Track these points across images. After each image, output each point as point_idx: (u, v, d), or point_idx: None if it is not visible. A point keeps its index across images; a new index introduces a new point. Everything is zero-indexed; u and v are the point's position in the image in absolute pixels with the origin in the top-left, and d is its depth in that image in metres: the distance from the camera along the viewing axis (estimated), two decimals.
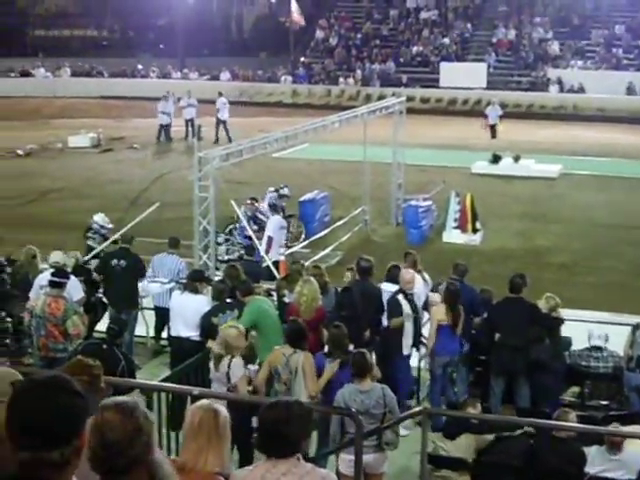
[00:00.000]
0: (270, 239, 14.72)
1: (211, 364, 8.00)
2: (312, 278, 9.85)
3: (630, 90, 39.67)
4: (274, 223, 15.23)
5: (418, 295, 10.59)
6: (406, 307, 9.70)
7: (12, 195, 22.24)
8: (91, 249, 13.13)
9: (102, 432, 3.00)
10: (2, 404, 3.81)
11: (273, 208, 16.89)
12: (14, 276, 11.27)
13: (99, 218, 13.57)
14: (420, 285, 10.78)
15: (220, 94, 32.68)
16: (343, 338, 8.17)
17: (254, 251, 14.67)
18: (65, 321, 9.14)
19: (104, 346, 8.18)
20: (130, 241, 12.02)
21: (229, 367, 7.65)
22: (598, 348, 9.63)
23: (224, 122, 31.71)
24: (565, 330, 9.92)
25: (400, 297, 9.74)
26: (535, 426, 7.34)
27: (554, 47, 44.04)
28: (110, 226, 13.60)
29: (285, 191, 17.62)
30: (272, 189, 17.53)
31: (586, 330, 10.00)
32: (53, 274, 9.73)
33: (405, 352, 9.79)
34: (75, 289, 10.17)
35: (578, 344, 9.95)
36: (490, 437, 7.47)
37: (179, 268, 11.94)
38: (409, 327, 9.72)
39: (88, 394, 2.77)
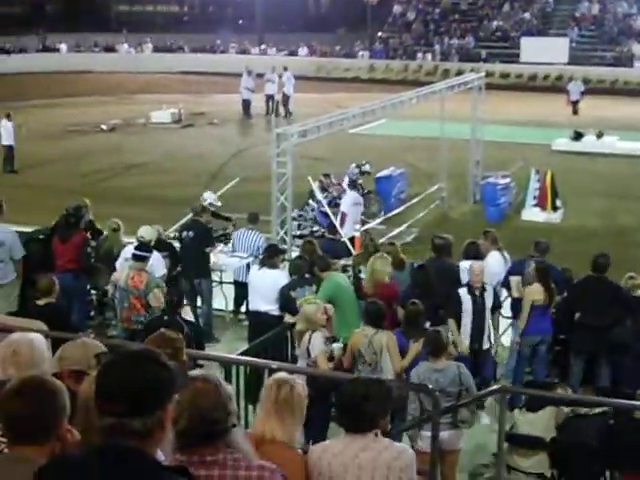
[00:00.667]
0: (344, 215, 14.75)
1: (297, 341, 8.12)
2: (385, 254, 9.89)
3: None
4: (349, 199, 15.23)
5: (499, 274, 10.49)
6: (467, 303, 9.33)
7: (97, 169, 22.74)
8: None
9: (195, 399, 3.23)
10: (90, 375, 3.96)
11: (352, 184, 16.90)
12: (98, 249, 11.51)
13: (208, 195, 13.74)
14: (500, 263, 10.69)
15: (285, 69, 32.76)
16: (418, 315, 8.17)
17: (334, 228, 14.68)
18: (147, 294, 9.31)
19: (165, 317, 8.28)
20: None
21: (309, 342, 7.76)
22: None
23: (288, 97, 31.90)
24: None
25: (463, 291, 9.39)
26: (616, 406, 7.23)
27: (639, 22, 42.80)
28: (219, 203, 13.77)
29: (367, 167, 17.60)
30: (354, 165, 17.51)
31: None
32: (136, 247, 9.92)
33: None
34: (158, 265, 10.36)
35: None
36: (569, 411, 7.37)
37: (259, 244, 12.03)
38: (467, 323, 9.37)
39: (175, 367, 2.86)
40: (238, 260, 12.08)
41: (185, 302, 8.97)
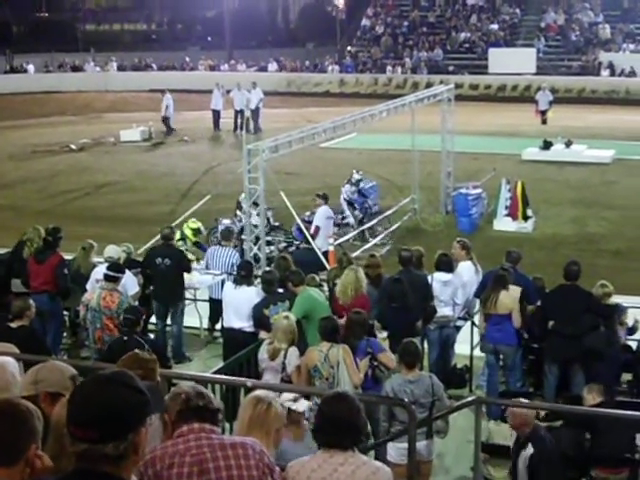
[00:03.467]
0: (317, 228, 14.77)
1: (264, 354, 8.07)
2: (359, 268, 9.91)
3: None
4: (322, 212, 15.26)
5: (471, 284, 10.55)
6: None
7: (66, 189, 22.60)
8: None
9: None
10: (64, 397, 3.91)
11: (350, 203, 17.01)
12: (69, 270, 11.42)
13: (228, 220, 14.01)
14: (471, 273, 10.74)
15: (254, 85, 32.84)
16: (358, 325, 8.14)
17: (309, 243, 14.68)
18: (120, 314, 9.20)
19: (124, 338, 8.25)
20: (171, 237, 11.85)
21: (285, 357, 7.75)
22: None
23: (257, 113, 32.05)
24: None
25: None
26: (588, 414, 7.27)
27: (605, 31, 43.35)
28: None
29: (356, 176, 17.64)
30: (346, 185, 17.50)
31: (638, 316, 9.90)
32: (108, 268, 9.87)
33: None
34: (130, 283, 10.30)
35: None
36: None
37: (232, 261, 12.01)
38: None
39: (150, 391, 2.83)
40: (212, 277, 12.04)
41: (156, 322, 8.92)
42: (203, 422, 3.69)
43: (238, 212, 15.54)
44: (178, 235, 13.19)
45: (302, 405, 6.17)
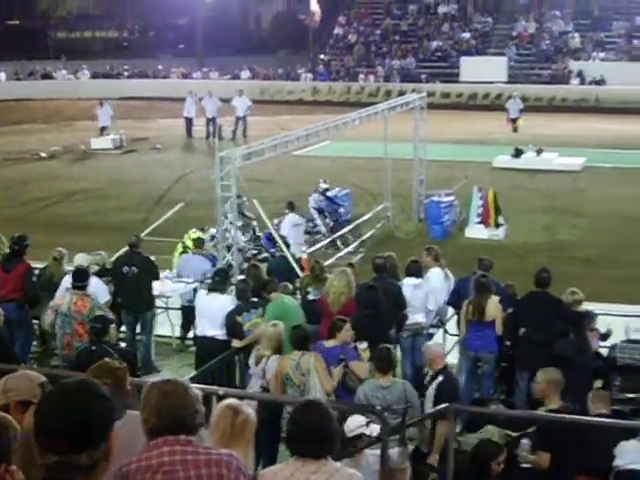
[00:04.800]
0: (284, 238, 14.77)
1: (252, 359, 8.14)
2: (348, 270, 9.93)
3: None
4: (288, 221, 15.24)
5: (440, 290, 10.59)
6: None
7: (37, 197, 22.42)
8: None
9: (165, 399, 3.41)
10: (33, 405, 3.87)
11: (320, 211, 17.02)
12: (40, 278, 11.36)
13: (213, 230, 13.89)
14: (441, 280, 10.79)
15: (240, 92, 32.85)
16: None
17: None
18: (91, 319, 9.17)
19: (92, 347, 8.17)
20: (137, 244, 11.66)
21: (266, 363, 7.82)
22: (636, 342, 9.52)
23: (242, 120, 32.03)
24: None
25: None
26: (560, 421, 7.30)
27: (575, 39, 43.77)
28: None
29: (323, 185, 17.67)
30: (315, 194, 17.52)
31: (610, 323, 9.98)
32: (73, 275, 9.87)
33: None
34: (101, 292, 10.23)
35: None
36: (512, 433, 7.43)
37: (205, 268, 11.99)
38: None
39: (114, 397, 2.82)
40: (184, 286, 12.00)
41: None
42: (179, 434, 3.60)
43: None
44: (180, 247, 13.22)
45: (375, 430, 6.24)
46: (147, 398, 3.51)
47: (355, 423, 6.03)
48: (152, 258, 11.76)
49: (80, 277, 9.79)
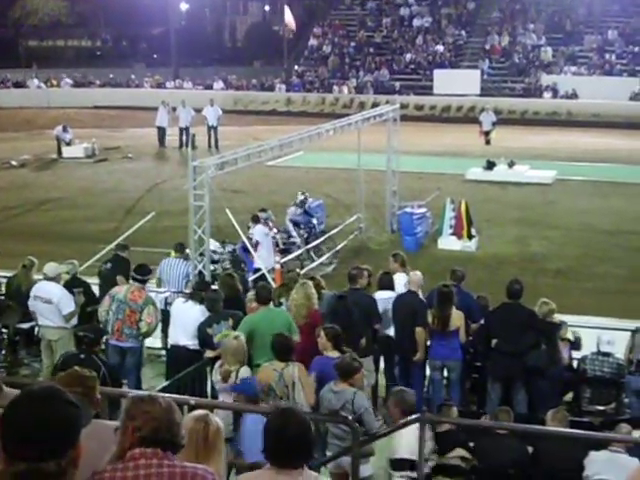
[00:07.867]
0: (257, 243, 14.79)
1: (217, 376, 7.98)
2: (309, 282, 9.88)
3: (635, 97, 39.70)
4: (258, 231, 15.20)
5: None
6: None
7: (7, 206, 22.21)
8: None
9: (165, 411, 3.32)
10: None
11: (295, 224, 16.99)
12: (8, 287, 11.25)
13: (214, 245, 13.96)
14: (402, 286, 10.80)
15: (212, 102, 32.78)
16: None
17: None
18: (143, 309, 9.82)
19: (82, 355, 8.11)
20: (123, 249, 12.43)
21: (236, 377, 7.68)
22: (606, 354, 9.56)
23: (215, 129, 31.98)
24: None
25: None
26: (528, 432, 7.33)
27: (547, 53, 44.18)
28: (221, 250, 14.28)
29: (301, 197, 17.64)
30: (292, 207, 17.49)
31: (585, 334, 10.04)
32: (135, 270, 10.35)
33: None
34: (65, 302, 10.17)
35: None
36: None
37: (187, 271, 12.28)
38: None
39: (82, 405, 2.77)
40: (155, 295, 11.92)
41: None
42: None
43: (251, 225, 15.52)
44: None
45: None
46: (136, 410, 3.40)
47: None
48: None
49: (142, 271, 10.27)
